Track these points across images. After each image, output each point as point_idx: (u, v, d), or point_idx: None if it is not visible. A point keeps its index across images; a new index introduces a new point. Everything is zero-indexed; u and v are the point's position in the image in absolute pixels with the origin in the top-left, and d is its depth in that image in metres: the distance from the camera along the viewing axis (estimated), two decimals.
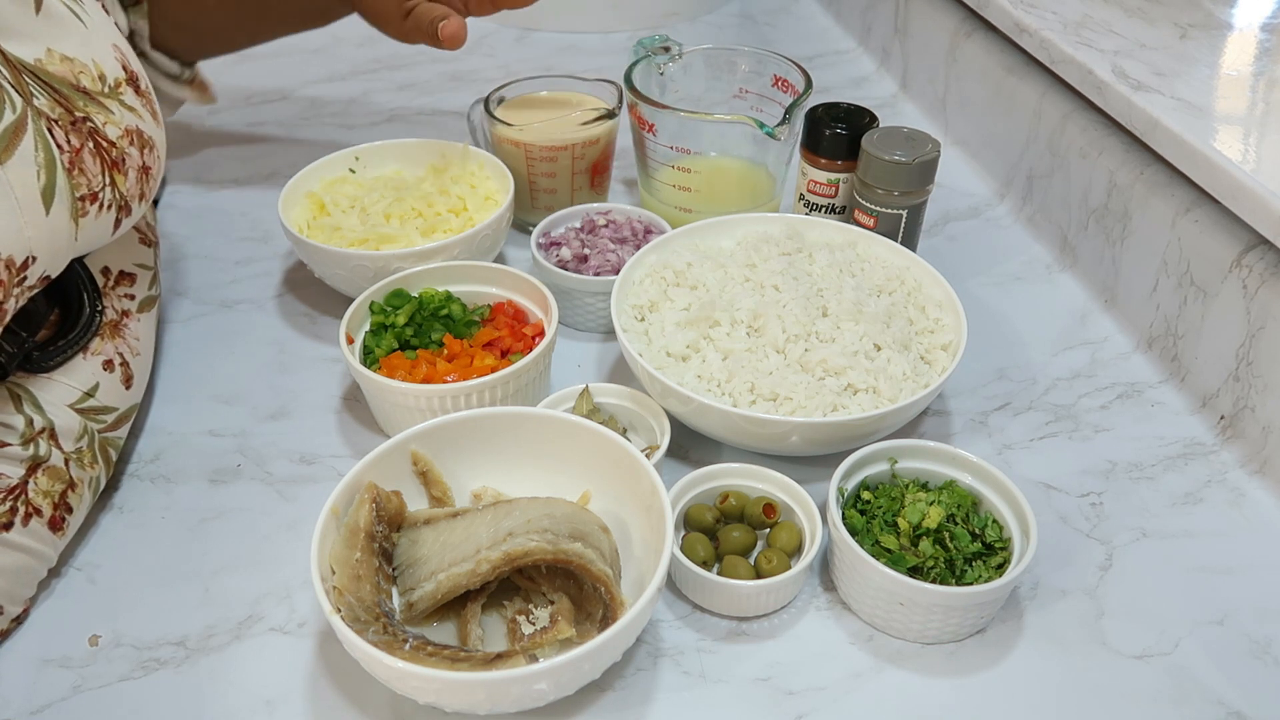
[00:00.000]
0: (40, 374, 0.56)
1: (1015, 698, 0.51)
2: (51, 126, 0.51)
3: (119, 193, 0.56)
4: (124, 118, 0.57)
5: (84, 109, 0.54)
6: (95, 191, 0.54)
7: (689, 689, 0.51)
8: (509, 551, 0.50)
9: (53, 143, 0.51)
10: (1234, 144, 0.64)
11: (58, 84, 0.53)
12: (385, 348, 0.65)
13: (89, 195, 0.53)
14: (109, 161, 0.55)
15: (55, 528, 0.55)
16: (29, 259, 0.50)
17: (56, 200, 0.51)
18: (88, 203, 0.53)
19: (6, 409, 0.54)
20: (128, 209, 0.57)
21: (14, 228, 0.48)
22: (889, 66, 1.07)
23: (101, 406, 0.59)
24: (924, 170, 0.69)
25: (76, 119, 0.53)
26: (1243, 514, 0.60)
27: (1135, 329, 0.72)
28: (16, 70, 0.51)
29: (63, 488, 0.55)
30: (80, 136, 0.53)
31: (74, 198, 0.52)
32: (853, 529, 0.54)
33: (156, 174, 0.61)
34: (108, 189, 0.55)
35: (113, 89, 0.57)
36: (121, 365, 0.61)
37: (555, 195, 0.81)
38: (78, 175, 0.52)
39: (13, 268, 0.48)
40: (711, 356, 0.62)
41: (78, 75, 0.55)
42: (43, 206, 0.50)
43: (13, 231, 0.48)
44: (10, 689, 0.51)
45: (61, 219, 0.51)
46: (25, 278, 0.50)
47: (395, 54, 1.11)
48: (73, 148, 0.52)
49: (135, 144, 0.57)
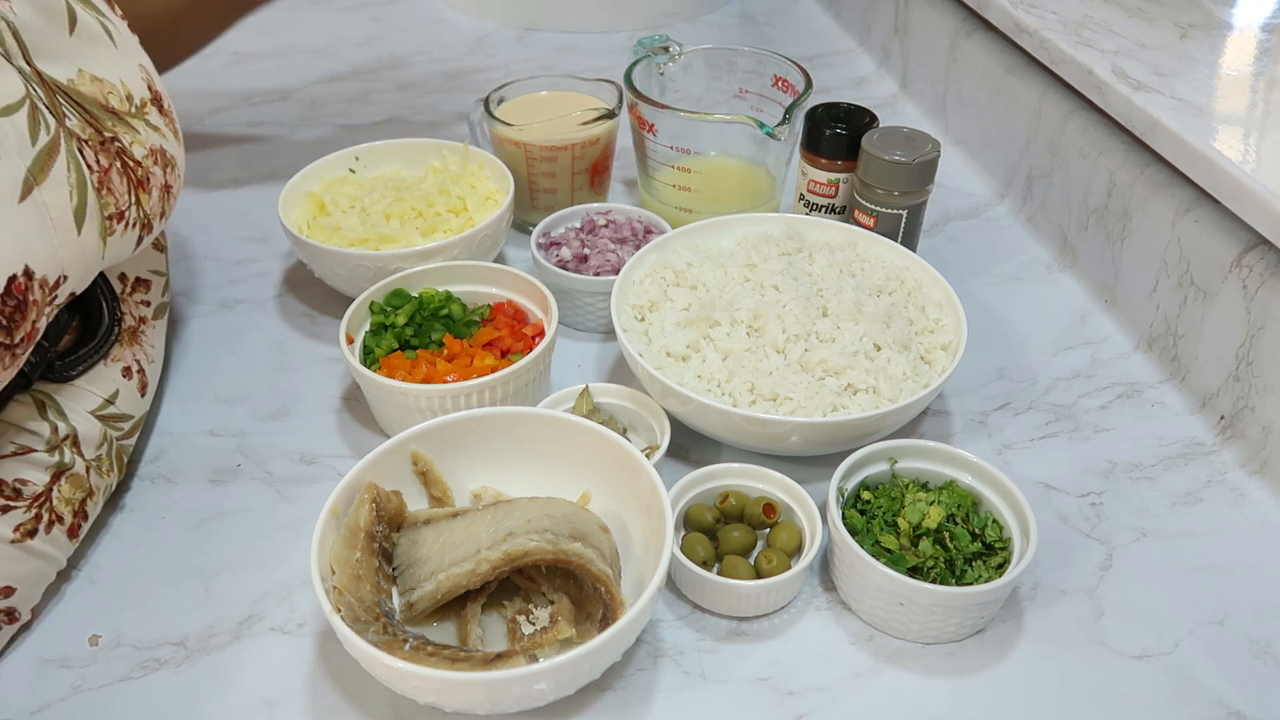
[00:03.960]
0: (63, 382, 0.56)
1: (1015, 698, 0.51)
2: (82, 147, 0.51)
3: (143, 211, 0.56)
4: (149, 137, 0.57)
5: (112, 129, 0.54)
6: (122, 210, 0.54)
7: (689, 689, 0.51)
8: (509, 551, 0.50)
9: (83, 163, 0.51)
10: (1234, 144, 0.64)
11: (88, 104, 0.53)
12: (385, 348, 0.65)
13: (116, 214, 0.54)
14: (135, 181, 0.55)
15: (73, 535, 0.55)
16: (61, 278, 0.50)
17: (88, 220, 0.51)
18: (115, 221, 0.54)
19: (32, 417, 0.54)
20: (149, 227, 0.58)
21: (49, 248, 0.48)
22: (889, 66, 1.07)
23: (120, 414, 0.59)
24: (924, 170, 0.69)
25: (105, 139, 0.54)
26: (1243, 514, 0.60)
27: (1135, 329, 0.72)
28: (51, 91, 0.51)
29: (83, 495, 0.55)
30: (109, 156, 0.53)
31: (103, 217, 0.52)
32: (853, 529, 0.54)
33: (176, 192, 0.61)
34: (133, 208, 0.55)
35: (139, 109, 0.57)
36: (139, 372, 0.61)
37: (555, 195, 0.81)
38: (106, 195, 0.53)
39: (46, 287, 0.48)
40: (711, 356, 0.62)
41: (106, 95, 0.55)
42: (75, 227, 0.50)
43: (48, 252, 0.48)
44: (10, 689, 0.51)
45: (91, 238, 0.52)
46: (55, 296, 0.50)
47: (395, 54, 1.11)
48: (101, 167, 0.52)
49: (159, 163, 0.58)
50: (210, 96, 1.00)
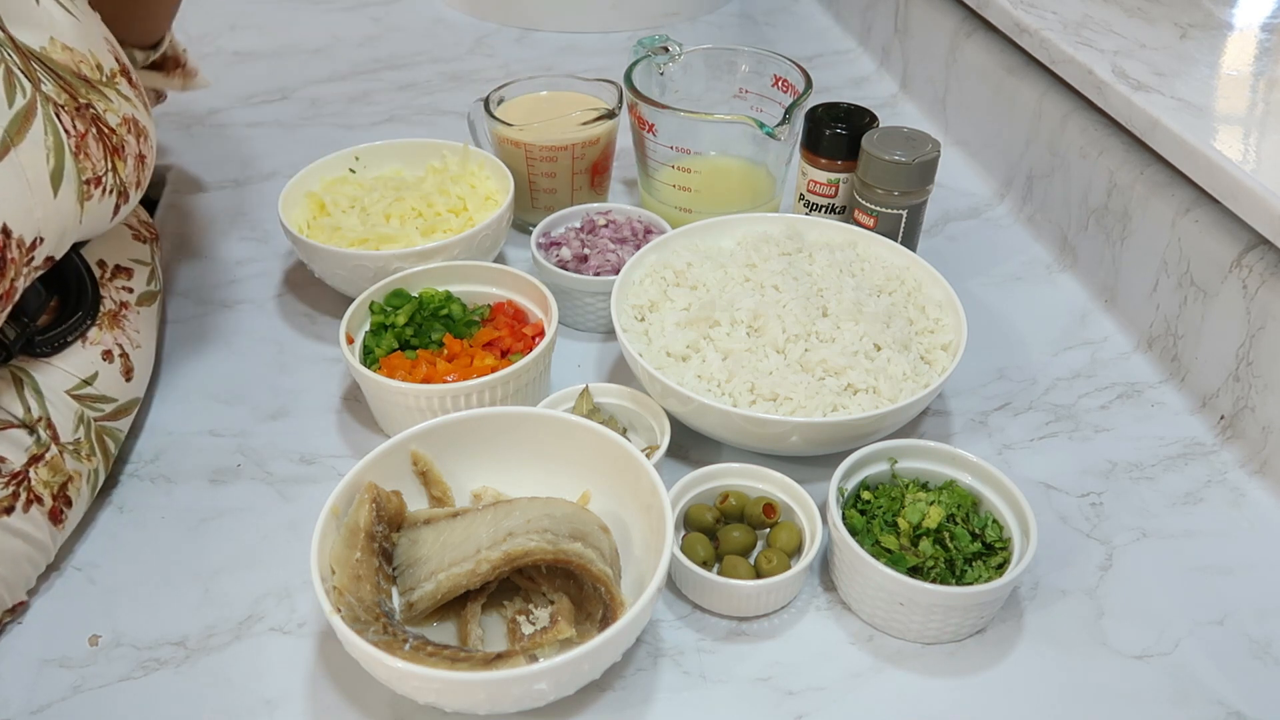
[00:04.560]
0: (40, 359, 0.57)
1: (1015, 698, 0.51)
2: (58, 111, 0.52)
3: (119, 178, 0.57)
4: (121, 106, 0.58)
5: (86, 96, 0.55)
6: (99, 175, 0.55)
7: (689, 689, 0.51)
8: (509, 551, 0.50)
9: (60, 127, 0.52)
10: (1234, 144, 0.64)
11: (61, 70, 0.54)
12: (385, 348, 0.65)
13: (93, 179, 0.55)
14: (110, 147, 0.56)
15: (55, 519, 0.55)
16: (37, 239, 0.51)
17: (64, 182, 0.52)
18: (92, 186, 0.55)
19: (9, 393, 0.55)
20: (126, 196, 0.59)
21: (25, 208, 0.50)
22: (889, 66, 1.07)
23: (99, 395, 0.59)
24: (924, 170, 0.69)
25: (80, 105, 0.55)
26: (1243, 514, 0.60)
27: (1135, 329, 0.72)
28: (25, 56, 0.52)
29: (63, 480, 0.56)
30: (85, 122, 0.54)
31: (80, 181, 0.54)
32: (853, 529, 0.54)
33: (150, 163, 0.62)
34: (110, 174, 0.56)
35: (109, 79, 0.58)
36: (121, 356, 0.61)
37: (555, 195, 0.81)
38: (83, 159, 0.54)
39: (23, 247, 0.50)
40: (711, 356, 0.62)
41: (78, 64, 0.56)
42: (51, 188, 0.51)
43: (24, 212, 0.50)
44: (10, 689, 0.51)
45: (68, 201, 0.53)
46: (33, 258, 0.51)
47: (395, 54, 1.11)
48: (78, 132, 0.53)
49: (133, 132, 0.59)
50: (210, 96, 1.00)
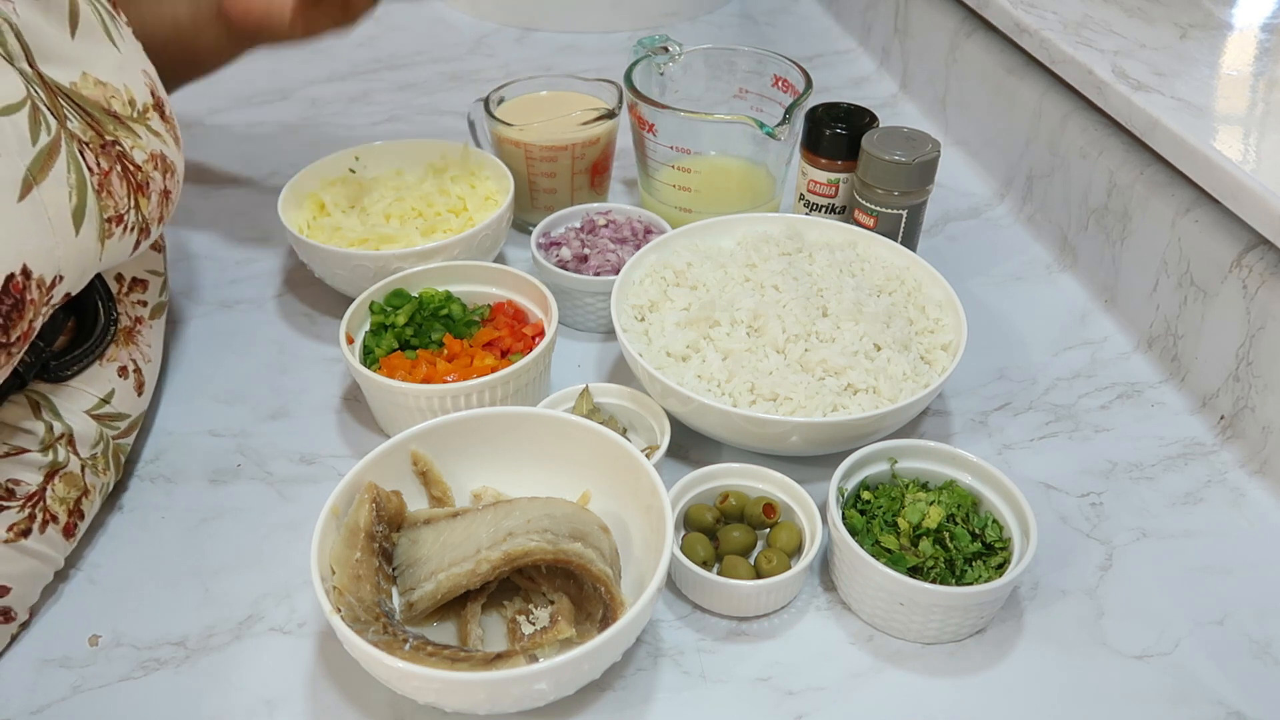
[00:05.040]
0: (58, 383, 0.56)
1: (1015, 698, 0.51)
2: (83, 149, 0.52)
3: (142, 215, 0.56)
4: (150, 142, 0.58)
5: (113, 133, 0.55)
6: (121, 214, 0.54)
7: (689, 689, 0.51)
8: (509, 551, 0.50)
9: (84, 164, 0.51)
10: (1234, 144, 0.64)
11: (90, 107, 0.54)
12: (385, 348, 0.65)
13: (115, 217, 0.54)
14: (134, 185, 0.55)
15: (69, 534, 0.55)
16: (57, 278, 0.50)
17: (86, 221, 0.51)
18: (114, 224, 0.54)
19: (26, 417, 0.54)
20: (147, 231, 0.58)
21: (46, 247, 0.49)
22: (889, 66, 1.07)
23: (116, 413, 0.59)
24: (924, 170, 0.69)
25: (106, 142, 0.54)
26: (1243, 514, 0.60)
27: (1135, 329, 0.72)
28: (53, 93, 0.51)
29: (78, 494, 0.55)
30: (109, 159, 0.54)
31: (102, 219, 0.53)
32: (853, 529, 0.54)
33: (175, 198, 0.61)
34: (132, 211, 0.55)
35: (140, 114, 0.57)
36: (135, 372, 0.61)
37: (555, 195, 0.81)
38: (106, 197, 0.53)
39: (43, 287, 0.49)
40: (711, 356, 0.62)
41: (109, 100, 0.55)
42: (73, 227, 0.50)
43: (45, 251, 0.48)
44: (10, 689, 0.51)
45: (89, 240, 0.52)
46: (51, 297, 0.50)
47: (395, 54, 1.11)
48: (102, 170, 0.53)
49: (159, 169, 0.58)
50: (210, 96, 1.00)
